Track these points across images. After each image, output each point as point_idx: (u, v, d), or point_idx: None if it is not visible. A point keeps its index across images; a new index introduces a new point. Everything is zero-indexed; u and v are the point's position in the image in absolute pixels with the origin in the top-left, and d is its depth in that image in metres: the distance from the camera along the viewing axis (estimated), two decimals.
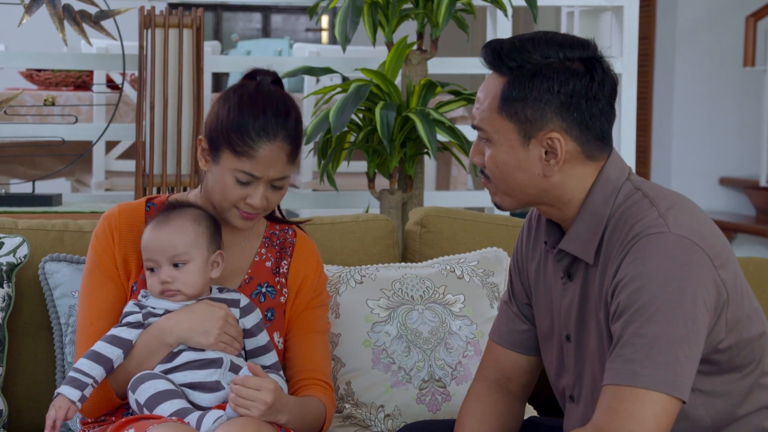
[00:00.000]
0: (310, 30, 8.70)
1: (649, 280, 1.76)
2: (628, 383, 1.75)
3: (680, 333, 1.75)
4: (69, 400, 2.02)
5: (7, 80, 6.34)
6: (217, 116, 2.14)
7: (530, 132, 1.84)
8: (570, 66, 1.84)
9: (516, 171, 1.87)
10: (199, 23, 3.56)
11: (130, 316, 2.11)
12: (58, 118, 4.60)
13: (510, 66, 1.85)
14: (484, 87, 1.89)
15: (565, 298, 1.93)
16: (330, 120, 3.24)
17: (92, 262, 2.19)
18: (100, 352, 2.07)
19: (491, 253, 2.60)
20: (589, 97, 1.84)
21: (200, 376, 2.06)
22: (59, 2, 3.52)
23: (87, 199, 4.11)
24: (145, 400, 2.02)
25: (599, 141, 1.87)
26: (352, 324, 2.41)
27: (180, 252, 2.09)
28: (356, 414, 2.38)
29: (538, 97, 1.83)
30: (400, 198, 3.46)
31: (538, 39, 1.86)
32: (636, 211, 1.84)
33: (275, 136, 2.11)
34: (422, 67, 3.51)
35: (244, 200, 2.12)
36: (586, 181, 1.88)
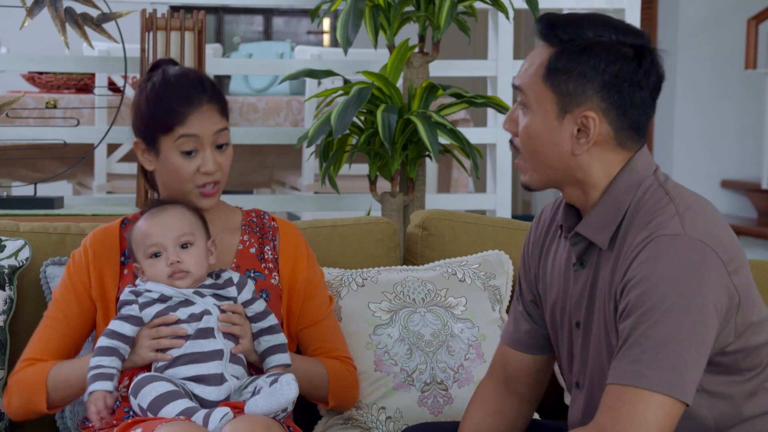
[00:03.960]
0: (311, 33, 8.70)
1: (660, 282, 1.76)
2: (633, 384, 1.74)
3: (688, 336, 1.74)
4: (104, 391, 2.05)
5: (9, 83, 6.34)
6: (139, 110, 2.20)
7: (568, 106, 1.84)
8: (620, 49, 1.84)
9: (546, 143, 1.87)
10: (201, 26, 3.56)
11: (127, 307, 2.12)
12: (59, 121, 4.60)
13: (562, 38, 1.85)
14: (532, 55, 1.90)
15: (576, 286, 1.93)
16: (331, 123, 3.25)
17: (66, 278, 2.25)
18: (109, 346, 2.09)
19: (493, 256, 2.60)
20: (633, 82, 1.84)
21: (203, 368, 2.07)
22: (61, 5, 3.52)
23: (89, 201, 4.11)
24: (148, 403, 2.03)
25: (633, 131, 1.87)
26: (354, 327, 2.41)
27: (186, 232, 2.11)
28: (358, 416, 2.38)
29: (582, 73, 1.83)
30: (402, 201, 3.46)
31: (594, 18, 1.86)
32: (654, 206, 1.84)
33: (199, 102, 2.17)
34: (424, 69, 3.51)
35: (198, 171, 2.17)
36: (612, 169, 1.88)
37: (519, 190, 9.06)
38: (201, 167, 2.17)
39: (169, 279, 2.11)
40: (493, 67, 4.13)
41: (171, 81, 2.18)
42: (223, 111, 2.21)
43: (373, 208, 3.75)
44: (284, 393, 2.00)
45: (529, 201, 9.17)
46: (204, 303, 2.12)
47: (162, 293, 2.11)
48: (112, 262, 2.22)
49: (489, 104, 3.48)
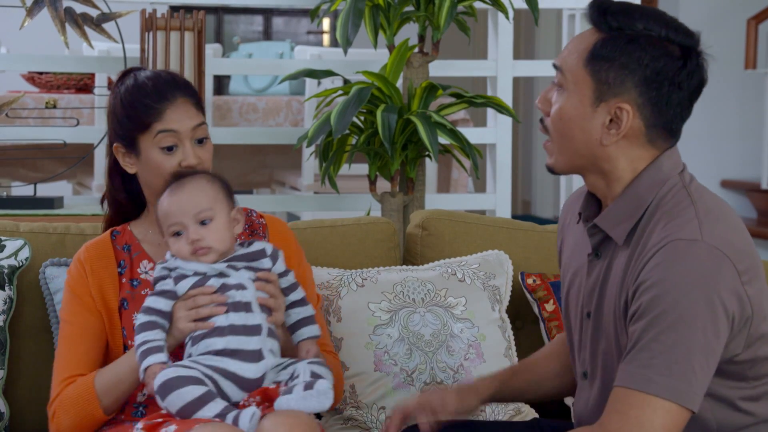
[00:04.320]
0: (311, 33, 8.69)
1: (673, 287, 1.75)
2: (641, 388, 1.74)
3: (699, 343, 1.73)
4: (158, 363, 2.01)
5: (9, 83, 6.34)
6: (115, 114, 2.21)
7: (604, 95, 1.83)
8: (667, 46, 1.82)
9: (576, 128, 1.85)
10: (201, 26, 3.56)
11: (161, 283, 2.09)
12: (59, 121, 4.60)
13: (611, 25, 1.83)
14: (578, 37, 1.88)
15: (590, 276, 1.92)
16: (331, 123, 3.24)
17: (69, 293, 2.22)
18: (149, 320, 2.06)
19: (492, 256, 2.60)
20: (674, 82, 1.82)
21: (242, 343, 2.03)
22: (61, 5, 3.52)
23: (88, 201, 4.11)
24: (177, 410, 1.98)
25: (666, 131, 1.86)
26: (354, 327, 2.41)
27: (204, 208, 2.08)
28: (357, 416, 2.38)
29: (625, 64, 1.82)
30: (402, 201, 3.46)
31: (647, 10, 1.85)
32: (675, 207, 1.83)
33: (173, 95, 2.18)
34: (423, 69, 3.51)
35: (180, 166, 2.17)
36: (638, 164, 1.86)
37: (519, 190, 9.06)
38: (182, 161, 2.17)
39: (193, 256, 2.07)
40: (492, 67, 4.12)
41: (143, 82, 2.20)
42: (198, 105, 2.22)
43: (372, 208, 3.75)
44: (320, 401, 1.97)
45: (528, 201, 9.17)
46: (238, 276, 2.08)
47: (195, 270, 2.08)
48: (109, 273, 2.21)
49: (489, 104, 3.47)
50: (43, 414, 2.42)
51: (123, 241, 2.24)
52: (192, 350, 2.05)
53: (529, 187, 9.15)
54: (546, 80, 8.52)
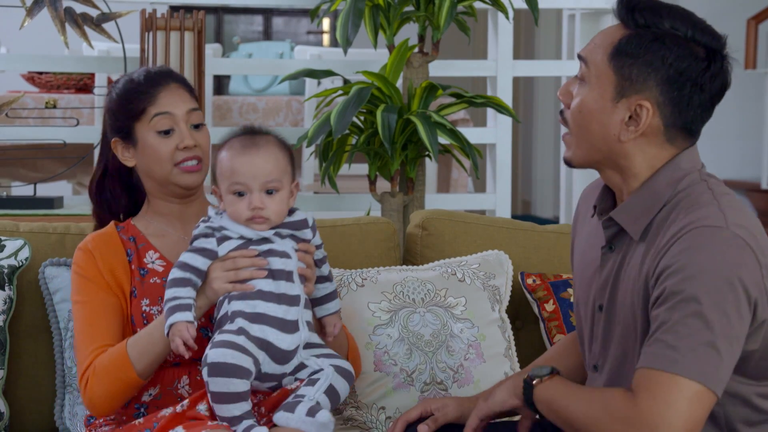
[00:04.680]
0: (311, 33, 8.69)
1: (700, 271, 1.74)
2: (667, 369, 1.73)
3: (724, 328, 1.73)
4: (185, 321, 1.98)
5: (9, 83, 6.34)
6: (110, 109, 2.23)
7: (625, 91, 1.83)
8: (693, 46, 1.82)
9: (595, 121, 1.85)
10: (201, 26, 3.56)
11: (202, 240, 2.05)
12: (59, 121, 4.60)
13: (638, 22, 1.83)
14: (604, 31, 1.88)
15: (603, 269, 1.92)
16: (331, 123, 3.24)
17: (78, 276, 2.19)
18: (183, 277, 2.03)
19: (492, 256, 2.60)
20: (696, 83, 1.82)
21: (281, 311, 2.01)
22: (61, 5, 3.52)
23: (88, 201, 4.10)
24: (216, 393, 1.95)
25: (685, 131, 1.85)
26: (354, 327, 2.41)
27: (275, 178, 2.05)
28: (357, 416, 2.38)
29: (649, 61, 1.81)
30: (402, 201, 3.46)
31: (675, 9, 1.84)
32: (696, 198, 1.82)
33: (165, 81, 2.20)
34: (423, 69, 3.51)
35: (177, 148, 2.16)
36: (656, 162, 1.86)
37: (519, 190, 9.06)
38: (179, 144, 2.17)
39: (247, 222, 2.04)
40: (492, 67, 4.12)
41: (136, 77, 2.23)
42: (191, 93, 2.23)
43: (372, 208, 3.75)
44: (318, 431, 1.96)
45: (528, 201, 9.17)
46: (283, 245, 2.06)
47: (241, 234, 2.05)
48: (119, 260, 2.19)
49: (489, 104, 3.47)
50: (43, 414, 2.42)
51: (128, 233, 2.24)
52: (228, 308, 2.02)
53: (529, 187, 9.15)
54: (546, 80, 8.53)
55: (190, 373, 2.15)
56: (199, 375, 2.13)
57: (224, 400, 1.95)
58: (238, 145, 2.07)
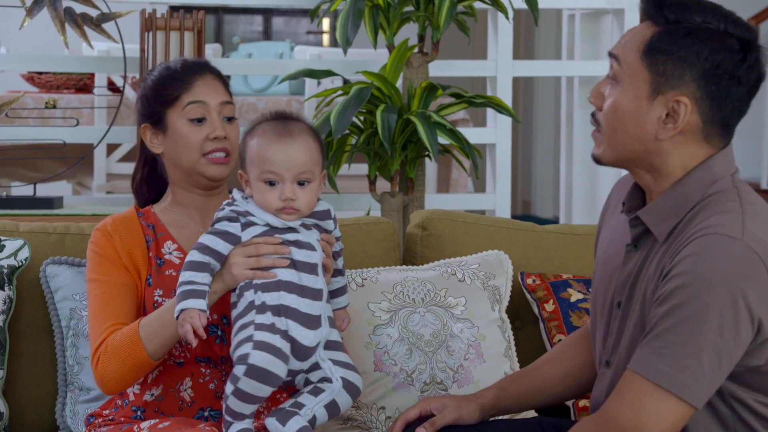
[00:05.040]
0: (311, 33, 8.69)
1: (699, 279, 1.72)
2: (646, 376, 1.73)
3: (714, 342, 1.71)
4: (197, 309, 1.94)
5: (9, 83, 6.34)
6: (144, 95, 2.22)
7: (661, 88, 1.80)
8: (726, 39, 1.79)
9: (630, 121, 1.82)
10: (200, 26, 3.56)
11: (225, 223, 2.01)
12: (59, 121, 4.60)
13: (668, 18, 1.80)
14: (633, 30, 1.85)
15: (626, 266, 1.90)
16: (331, 123, 3.24)
17: (95, 255, 2.16)
18: (202, 261, 1.98)
19: (492, 256, 2.60)
20: (733, 76, 1.79)
21: (304, 305, 1.97)
22: (60, 5, 3.52)
23: (88, 201, 4.11)
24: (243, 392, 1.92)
25: (722, 127, 1.82)
26: (354, 327, 2.41)
27: (308, 170, 2.01)
28: (357, 416, 2.38)
29: (683, 57, 1.78)
30: (401, 201, 3.46)
31: (705, 3, 1.81)
32: (722, 203, 1.79)
33: (202, 71, 2.20)
34: (423, 69, 3.51)
35: (207, 138, 2.15)
36: (690, 162, 1.83)
37: (518, 191, 9.06)
38: (210, 134, 2.16)
39: (277, 212, 2.00)
40: (492, 67, 4.12)
41: (173, 65, 2.22)
42: (226, 87, 2.23)
43: (372, 208, 3.75)
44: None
45: (528, 201, 9.17)
46: (309, 236, 2.03)
47: (268, 222, 2.01)
48: (138, 245, 2.16)
49: (488, 104, 3.47)
50: (43, 414, 2.42)
51: (147, 220, 2.22)
52: (256, 297, 1.97)
53: (528, 187, 9.15)
54: (546, 80, 8.53)
55: (193, 374, 2.13)
56: (201, 377, 2.12)
57: (248, 401, 1.93)
58: (272, 132, 2.03)
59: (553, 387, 2.13)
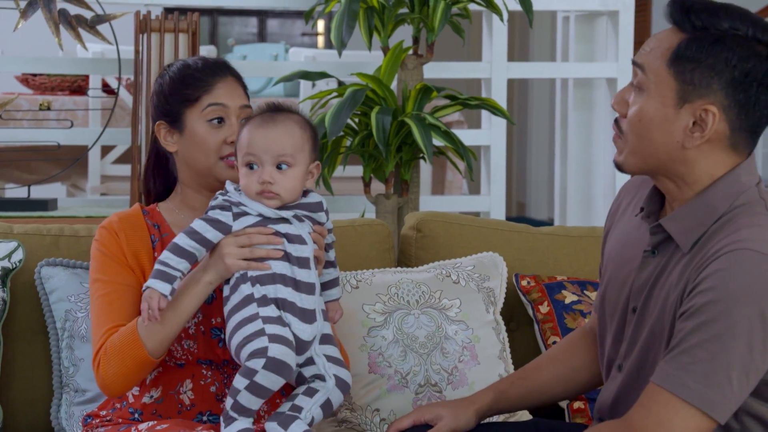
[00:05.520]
0: (306, 34, 8.69)
1: (729, 296, 1.70)
2: (673, 390, 1.72)
3: (743, 358, 1.70)
4: (159, 293, 1.95)
5: (3, 85, 6.33)
6: (162, 91, 2.18)
7: (689, 97, 1.77)
8: (755, 46, 1.76)
9: (656, 130, 1.79)
10: (195, 28, 3.56)
11: (218, 212, 2.01)
12: (53, 123, 4.60)
13: (695, 24, 1.77)
14: (658, 36, 1.82)
15: (643, 272, 1.88)
16: (326, 124, 3.25)
17: (100, 254, 2.14)
18: (184, 247, 1.98)
19: (487, 258, 2.60)
20: (762, 83, 1.76)
21: (299, 299, 1.97)
22: (55, 7, 3.52)
23: (82, 203, 4.11)
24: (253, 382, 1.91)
25: (750, 134, 1.80)
26: (349, 329, 2.41)
27: (287, 153, 2.01)
28: (352, 418, 2.38)
29: (711, 65, 1.75)
30: (396, 202, 3.46)
31: (732, 9, 1.78)
32: (749, 217, 1.77)
33: (223, 73, 2.17)
34: (418, 71, 3.52)
35: (225, 142, 2.13)
36: (716, 171, 1.80)
37: (513, 192, 9.07)
38: (228, 138, 2.13)
39: (257, 195, 2.00)
40: (487, 68, 4.13)
41: (193, 62, 2.19)
42: (245, 90, 2.21)
43: (367, 209, 3.75)
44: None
45: (523, 203, 9.18)
46: (300, 229, 2.02)
47: (260, 212, 2.01)
48: (143, 245, 2.15)
49: (483, 106, 3.48)
50: (37, 416, 2.42)
51: (153, 218, 2.20)
52: (254, 290, 1.97)
53: (523, 189, 9.16)
54: (540, 82, 8.54)
55: (193, 376, 2.12)
56: (203, 379, 2.11)
57: (262, 394, 1.92)
58: (258, 120, 2.04)
59: (552, 388, 2.12)
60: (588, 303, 2.55)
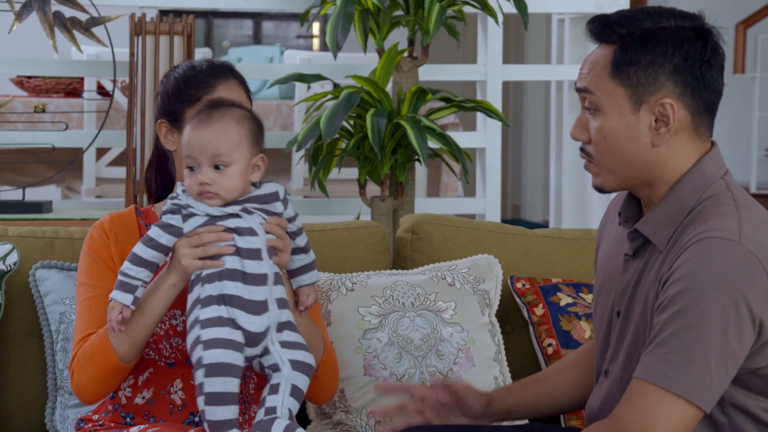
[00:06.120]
0: (301, 37, 8.69)
1: (700, 284, 1.73)
2: (655, 382, 1.74)
3: (719, 345, 1.72)
4: (122, 304, 1.98)
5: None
6: (165, 90, 2.20)
7: (642, 97, 1.81)
8: (682, 32, 1.81)
9: (624, 140, 1.83)
10: (190, 30, 3.56)
11: (169, 216, 2.03)
12: (48, 125, 4.59)
13: (620, 33, 1.82)
14: (591, 58, 1.86)
15: (625, 275, 1.91)
16: (321, 127, 3.25)
17: (88, 257, 2.17)
18: (142, 256, 2.00)
19: (482, 260, 2.60)
20: (703, 60, 1.81)
21: (249, 292, 1.98)
22: (50, 9, 3.52)
23: (77, 206, 4.10)
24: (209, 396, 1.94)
25: (708, 114, 1.84)
26: (344, 331, 2.41)
27: (222, 153, 2.01)
28: (347, 420, 2.38)
29: (651, 61, 1.80)
30: (391, 205, 3.46)
31: (647, 9, 1.84)
32: (717, 208, 1.80)
33: (226, 75, 2.19)
34: (413, 74, 3.52)
35: None
36: (686, 163, 1.84)
37: (508, 195, 9.07)
38: None
39: (198, 197, 2.02)
40: (482, 71, 4.13)
41: (198, 64, 2.21)
42: (248, 94, 2.22)
43: (362, 212, 3.75)
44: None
45: (518, 205, 9.18)
46: (250, 221, 2.03)
47: (207, 212, 2.02)
48: (132, 244, 2.13)
49: (478, 108, 3.48)
50: (32, 419, 2.42)
51: (146, 219, 2.21)
52: (201, 291, 1.99)
53: (518, 192, 9.16)
54: (536, 84, 8.55)
55: (183, 376, 2.13)
56: (192, 379, 2.12)
57: (222, 401, 1.93)
58: (195, 120, 2.05)
59: (564, 395, 2.14)
60: (583, 305, 2.55)
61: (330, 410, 2.39)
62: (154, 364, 2.13)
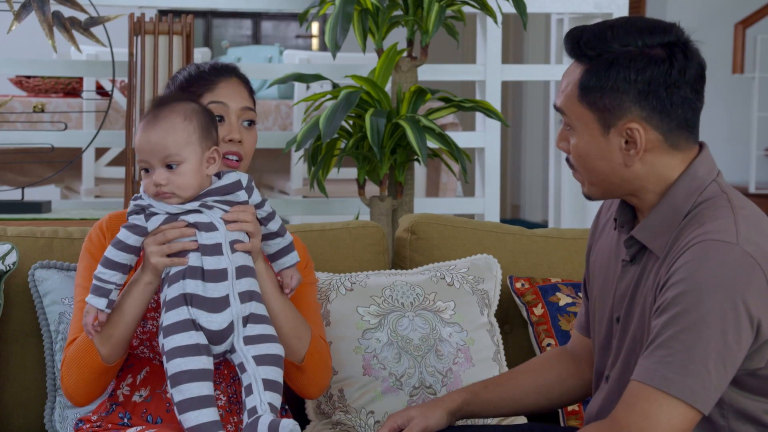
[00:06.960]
0: (300, 37, 8.69)
1: (698, 286, 1.73)
2: (654, 385, 1.74)
3: (718, 347, 1.72)
4: (96, 308, 2.00)
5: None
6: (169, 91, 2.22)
7: (609, 121, 1.82)
8: (648, 53, 1.81)
9: (597, 160, 1.85)
10: (189, 30, 3.56)
11: (134, 217, 2.04)
12: (47, 125, 4.59)
13: (588, 55, 1.83)
14: (567, 74, 1.88)
15: (623, 281, 1.91)
16: (320, 127, 3.25)
17: (85, 258, 2.19)
18: (113, 259, 2.01)
19: (481, 260, 2.60)
20: (668, 84, 1.80)
21: (209, 289, 1.97)
22: (49, 9, 3.52)
23: (76, 206, 4.10)
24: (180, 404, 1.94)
25: (683, 129, 1.84)
26: (343, 331, 2.41)
27: (171, 153, 2.00)
28: (346, 420, 2.38)
29: (615, 87, 1.81)
30: (390, 205, 3.46)
31: (618, 26, 1.83)
32: (713, 210, 1.81)
33: (228, 75, 2.21)
34: (412, 73, 3.52)
35: (223, 140, 2.15)
36: (672, 172, 1.85)
37: (508, 194, 9.07)
38: (226, 136, 2.16)
39: (156, 198, 2.02)
40: (481, 71, 4.13)
41: (202, 65, 2.24)
42: (251, 93, 2.24)
43: (361, 212, 3.75)
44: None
45: (517, 205, 9.18)
46: (209, 216, 2.02)
47: (166, 210, 2.02)
48: None
49: (477, 108, 3.48)
50: (31, 419, 2.42)
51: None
52: (167, 292, 2.00)
53: (518, 191, 9.16)
54: (535, 84, 8.55)
55: None
56: None
57: (193, 407, 1.93)
58: (144, 121, 2.05)
59: (523, 398, 2.14)
60: None
61: (329, 410, 2.39)
62: (149, 362, 2.14)
